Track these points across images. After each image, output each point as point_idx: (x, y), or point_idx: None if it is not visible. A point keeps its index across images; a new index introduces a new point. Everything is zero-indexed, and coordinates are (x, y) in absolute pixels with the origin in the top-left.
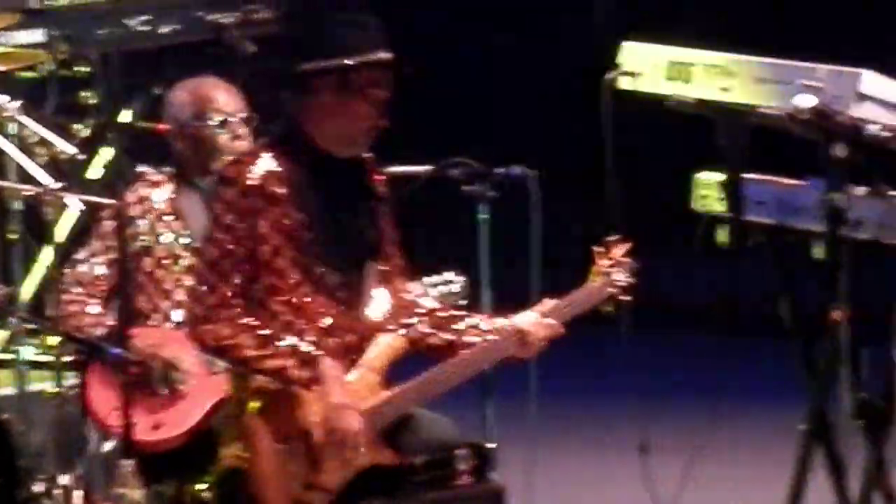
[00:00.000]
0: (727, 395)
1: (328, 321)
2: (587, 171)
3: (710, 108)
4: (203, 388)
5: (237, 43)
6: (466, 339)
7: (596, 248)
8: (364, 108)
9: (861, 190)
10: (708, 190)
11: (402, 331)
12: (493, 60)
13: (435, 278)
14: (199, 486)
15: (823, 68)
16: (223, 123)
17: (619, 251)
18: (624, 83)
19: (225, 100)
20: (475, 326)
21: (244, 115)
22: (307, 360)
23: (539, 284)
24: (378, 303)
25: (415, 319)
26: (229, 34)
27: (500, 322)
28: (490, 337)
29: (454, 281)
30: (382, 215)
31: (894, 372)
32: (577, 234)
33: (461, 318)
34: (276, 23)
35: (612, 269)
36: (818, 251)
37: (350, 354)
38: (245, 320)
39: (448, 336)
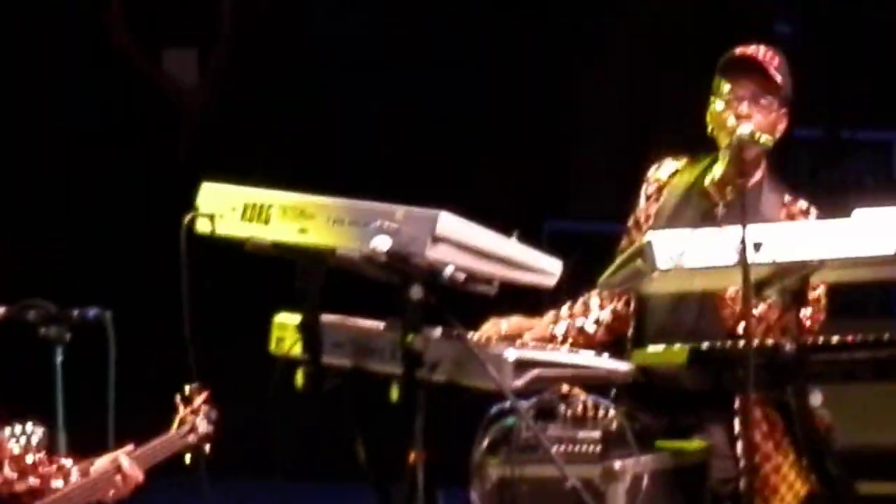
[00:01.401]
0: None
1: None
2: (167, 313)
3: (287, 250)
4: None
5: None
6: (53, 483)
7: (178, 396)
8: None
9: (437, 331)
10: (285, 332)
11: None
12: (72, 196)
13: (15, 429)
14: None
15: (400, 210)
16: None
17: (200, 399)
18: (202, 225)
19: None
20: (61, 469)
21: None
22: None
23: (115, 427)
24: None
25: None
26: None
27: (95, 466)
28: (79, 480)
29: (33, 431)
30: None
31: None
32: (154, 377)
33: (47, 461)
34: None
35: (194, 417)
36: (395, 393)
37: None
38: None
39: (34, 481)
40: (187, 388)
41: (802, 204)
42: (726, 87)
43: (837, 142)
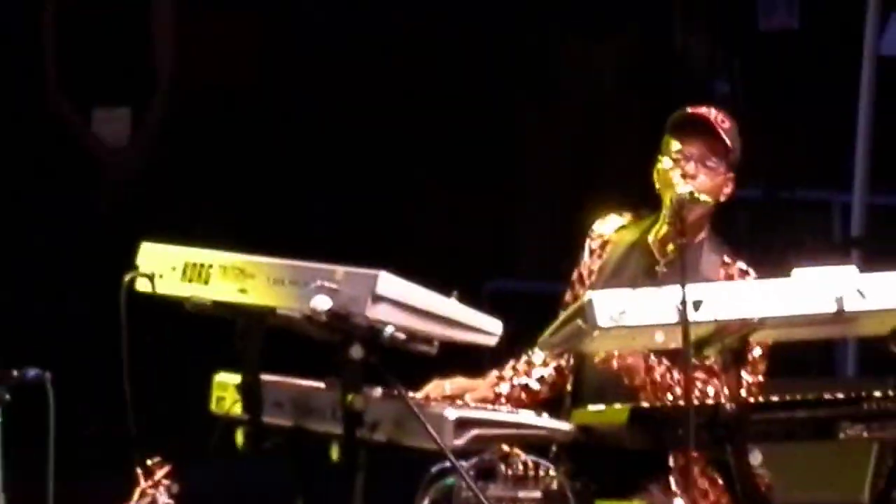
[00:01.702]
0: None
1: None
2: (107, 374)
3: (227, 310)
4: None
5: None
6: None
7: (139, 469)
8: None
9: (377, 391)
10: (225, 392)
11: None
12: (9, 256)
13: None
14: None
15: (340, 270)
16: None
17: (161, 472)
18: (142, 284)
19: None
20: None
21: None
22: None
23: (54, 490)
24: None
25: None
26: None
27: None
28: None
29: None
30: None
31: None
32: (94, 438)
33: None
34: None
35: (154, 490)
36: (336, 452)
37: None
38: None
39: None
40: (149, 461)
41: (741, 265)
42: (675, 145)
43: (777, 201)
